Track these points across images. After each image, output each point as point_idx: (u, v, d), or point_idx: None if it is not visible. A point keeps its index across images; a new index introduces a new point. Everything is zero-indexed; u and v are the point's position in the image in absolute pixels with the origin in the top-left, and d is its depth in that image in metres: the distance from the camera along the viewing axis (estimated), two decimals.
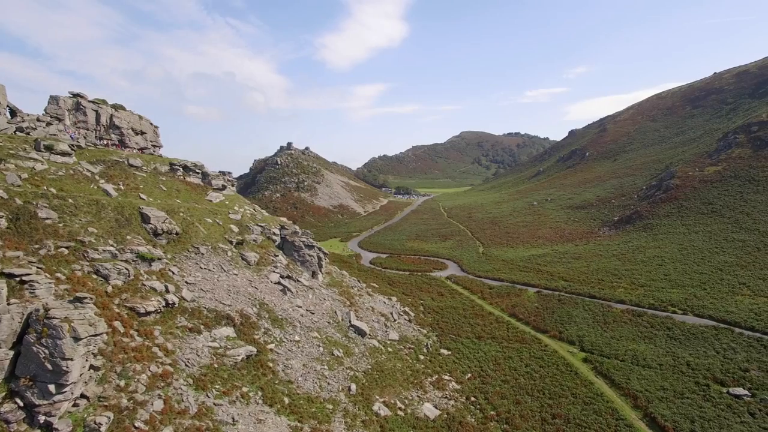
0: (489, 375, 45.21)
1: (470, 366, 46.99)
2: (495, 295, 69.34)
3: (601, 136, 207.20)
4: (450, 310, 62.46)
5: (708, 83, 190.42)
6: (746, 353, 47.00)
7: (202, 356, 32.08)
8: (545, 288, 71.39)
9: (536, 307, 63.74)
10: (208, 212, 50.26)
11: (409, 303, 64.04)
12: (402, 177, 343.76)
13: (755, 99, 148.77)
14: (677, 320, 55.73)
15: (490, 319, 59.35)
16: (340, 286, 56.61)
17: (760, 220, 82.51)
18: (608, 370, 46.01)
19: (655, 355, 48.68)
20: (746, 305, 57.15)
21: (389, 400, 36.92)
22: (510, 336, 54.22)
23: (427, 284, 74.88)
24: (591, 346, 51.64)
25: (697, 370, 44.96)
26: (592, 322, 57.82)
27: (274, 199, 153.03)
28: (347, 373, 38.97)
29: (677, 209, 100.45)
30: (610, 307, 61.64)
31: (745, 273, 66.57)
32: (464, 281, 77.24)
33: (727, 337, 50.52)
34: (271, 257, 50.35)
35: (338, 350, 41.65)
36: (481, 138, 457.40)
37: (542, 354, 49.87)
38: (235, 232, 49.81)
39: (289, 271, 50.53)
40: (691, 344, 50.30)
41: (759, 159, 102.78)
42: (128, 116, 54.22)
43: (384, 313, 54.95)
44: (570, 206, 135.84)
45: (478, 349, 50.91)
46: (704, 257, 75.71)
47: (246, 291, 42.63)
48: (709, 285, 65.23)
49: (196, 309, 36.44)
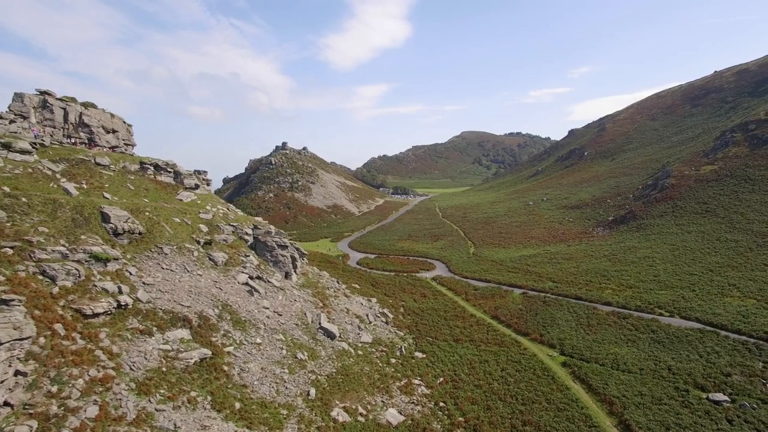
0: (462, 379, 43.77)
1: (443, 370, 45.57)
2: (479, 297, 67.85)
3: (600, 136, 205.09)
4: (430, 312, 61.06)
5: (708, 82, 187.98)
6: (730, 357, 45.38)
7: (150, 359, 30.89)
8: (532, 289, 69.81)
9: (520, 309, 62.21)
10: (177, 212, 49.15)
11: (390, 304, 62.70)
12: (401, 177, 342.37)
13: (755, 97, 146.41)
14: (663, 323, 54.10)
15: (470, 322, 57.88)
16: (315, 287, 55.36)
17: (753, 219, 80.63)
18: (586, 374, 44.47)
19: (636, 359, 47.11)
20: (734, 307, 55.46)
21: (350, 406, 35.60)
22: (489, 339, 52.76)
23: (411, 285, 73.48)
24: (571, 349, 50.09)
25: (678, 374, 43.38)
26: (575, 325, 56.26)
27: (266, 199, 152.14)
28: (309, 377, 37.69)
29: (672, 209, 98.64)
30: (596, 309, 60.05)
31: (735, 274, 64.82)
32: (450, 282, 75.78)
33: (712, 340, 48.88)
34: (241, 257, 49.17)
35: (303, 353, 40.40)
36: (482, 138, 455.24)
37: (520, 358, 48.38)
38: (204, 232, 48.66)
39: (259, 271, 49.33)
40: (675, 348, 48.70)
41: (755, 158, 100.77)
42: (99, 114, 53.27)
43: (359, 314, 53.64)
44: (565, 206, 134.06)
45: (454, 353, 49.46)
46: (696, 258, 73.97)
47: (209, 292, 41.46)
48: (699, 286, 63.52)
49: (151, 310, 35.29)
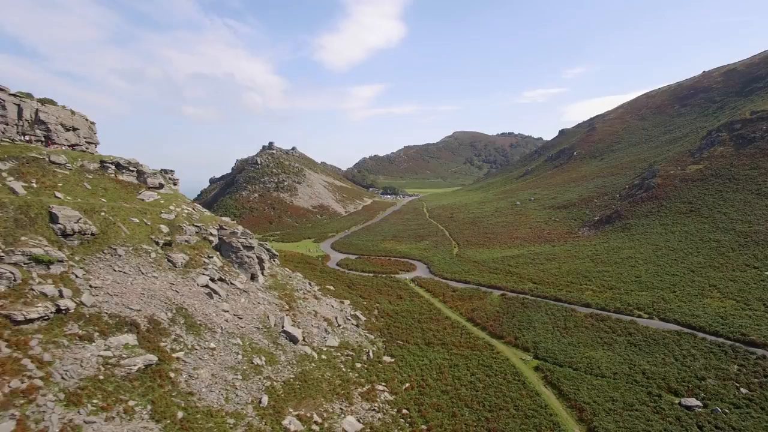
0: (429, 385, 42.19)
1: (411, 375, 43.98)
2: (457, 299, 66.32)
3: (590, 135, 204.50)
4: (405, 315, 59.48)
5: (697, 82, 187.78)
6: (705, 360, 44.18)
7: (86, 367, 29.08)
8: (512, 291, 68.37)
9: (497, 311, 60.76)
10: (137, 212, 47.29)
11: (364, 306, 61.07)
12: (393, 177, 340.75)
13: (742, 97, 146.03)
14: (641, 325, 52.84)
15: (444, 324, 56.34)
16: (283, 289, 53.65)
17: (737, 219, 79.69)
18: (558, 379, 43.06)
19: (611, 362, 45.77)
20: (713, 309, 54.33)
21: (305, 414, 33.93)
22: (462, 342, 51.23)
23: (388, 287, 71.85)
24: (546, 353, 48.69)
25: (652, 379, 42.09)
26: (551, 328, 54.86)
27: (251, 200, 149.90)
28: (263, 383, 35.98)
29: (657, 209, 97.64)
30: (574, 310, 58.71)
31: (716, 275, 63.75)
32: (429, 283, 74.22)
33: (689, 342, 47.68)
34: (203, 259, 47.39)
35: (260, 358, 38.68)
36: (474, 138, 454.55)
37: (492, 362, 46.87)
38: (164, 233, 46.82)
39: (222, 273, 47.56)
40: (651, 351, 47.42)
41: (740, 157, 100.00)
42: (58, 111, 51.33)
43: (328, 317, 51.96)
44: (552, 206, 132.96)
45: (424, 357, 47.88)
46: (678, 258, 72.87)
47: (164, 295, 39.66)
48: (679, 287, 62.39)
49: (95, 315, 33.47)
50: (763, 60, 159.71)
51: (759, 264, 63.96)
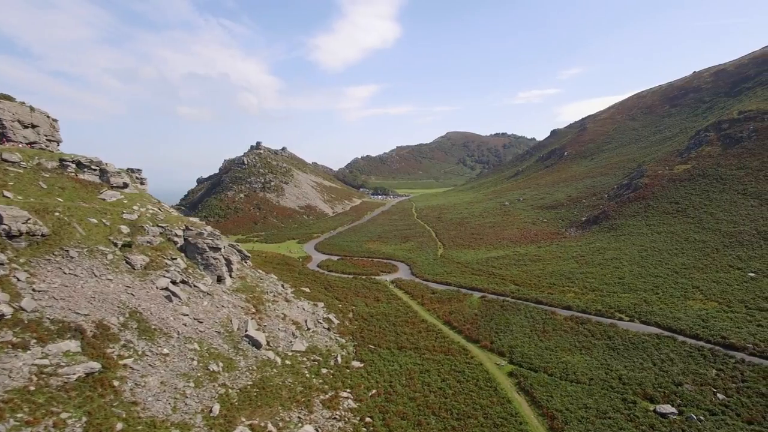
0: (397, 391, 40.48)
1: (379, 381, 42.24)
2: (435, 301, 64.68)
3: (581, 136, 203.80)
4: (380, 317, 57.77)
5: (687, 82, 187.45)
6: (684, 364, 42.77)
7: (15, 378, 27.13)
8: (492, 293, 66.78)
9: (475, 313, 59.15)
10: (96, 212, 45.33)
11: (339, 309, 59.32)
12: (384, 177, 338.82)
13: (730, 97, 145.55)
14: (621, 328, 51.39)
15: (420, 327, 54.67)
16: (252, 291, 51.79)
17: (722, 219, 78.62)
18: (532, 385, 41.46)
19: (587, 367, 44.29)
20: (695, 311, 53.01)
21: (258, 423, 32.11)
22: (435, 346, 49.54)
23: (366, 289, 70.11)
24: (521, 357, 47.11)
25: (628, 384, 40.61)
26: (529, 331, 53.32)
27: (236, 200, 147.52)
28: (217, 390, 34.13)
29: (644, 209, 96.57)
30: (555, 313, 57.21)
31: (700, 276, 62.54)
32: (408, 285, 72.53)
33: (669, 346, 46.28)
34: (166, 261, 45.46)
35: (217, 364, 36.84)
36: (468, 138, 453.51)
37: (465, 367, 45.23)
38: (124, 234, 44.88)
39: (186, 275, 45.67)
40: (630, 355, 45.98)
41: (727, 157, 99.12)
42: (15, 108, 49.31)
43: (298, 321, 50.18)
44: (540, 206, 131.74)
45: (394, 361, 46.16)
46: (663, 259, 71.64)
47: (117, 298, 37.74)
48: (662, 289, 61.10)
49: (36, 320, 31.54)
50: (752, 60, 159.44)
51: (742, 265, 62.81)
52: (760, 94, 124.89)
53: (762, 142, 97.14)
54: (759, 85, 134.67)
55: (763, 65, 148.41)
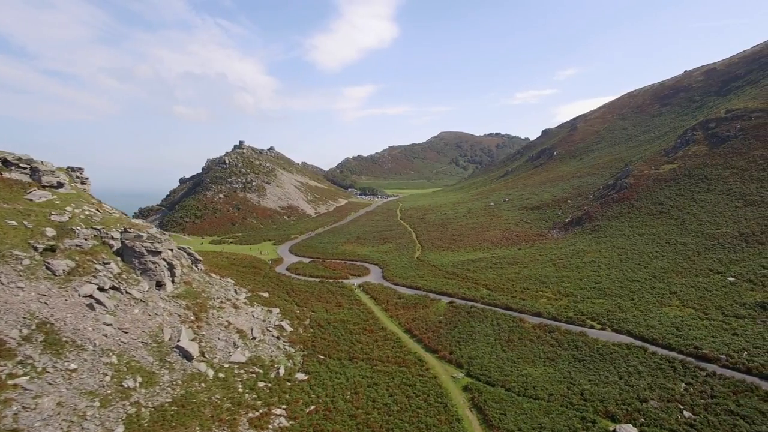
0: (338, 408, 37.18)
1: (320, 395, 38.94)
2: (401, 307, 61.39)
3: (571, 135, 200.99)
4: (338, 324, 54.43)
5: (678, 81, 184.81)
6: (652, 378, 39.64)
7: None
8: (462, 298, 63.48)
9: (439, 321, 55.89)
10: (17, 213, 41.87)
11: (295, 315, 55.99)
12: (376, 177, 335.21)
13: (720, 96, 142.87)
14: (591, 337, 48.24)
15: (377, 336, 51.38)
16: (196, 297, 48.39)
17: (705, 221, 75.65)
18: (486, 401, 38.23)
19: (549, 381, 41.13)
20: (670, 318, 49.92)
21: None
22: (390, 357, 46.24)
23: (331, 293, 66.78)
24: (480, 369, 43.87)
25: (590, 401, 37.45)
26: (493, 340, 50.10)
27: (215, 200, 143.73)
28: (126, 410, 30.72)
29: (627, 210, 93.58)
30: (523, 320, 53.99)
31: (678, 280, 59.47)
32: (376, 290, 69.19)
33: (638, 357, 43.16)
34: (96, 265, 42.02)
35: (135, 379, 33.44)
36: (461, 138, 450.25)
37: (417, 380, 41.97)
38: (49, 237, 41.42)
39: (118, 281, 42.25)
40: (596, 367, 42.84)
41: (714, 156, 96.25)
42: None
43: (243, 329, 46.81)
44: (525, 207, 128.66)
45: (342, 374, 42.86)
46: (642, 262, 68.59)
47: (25, 308, 34.28)
48: (639, 294, 57.98)
49: None
50: (743, 59, 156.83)
51: (723, 269, 59.78)
52: (748, 92, 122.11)
53: (748, 141, 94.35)
54: (748, 84, 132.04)
55: (752, 64, 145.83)
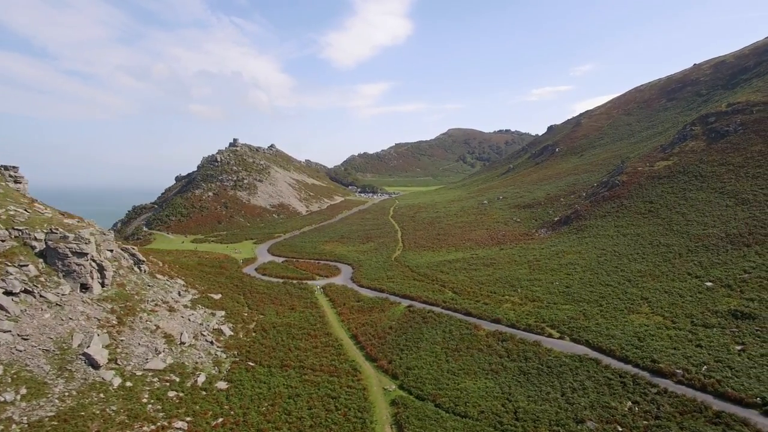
0: (247, 421, 34.61)
1: (233, 407, 36.43)
2: (356, 310, 58.58)
3: (575, 131, 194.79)
4: (282, 329, 51.91)
5: (686, 75, 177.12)
6: (596, 395, 36.13)
7: None
8: (424, 301, 60.25)
9: (390, 326, 52.83)
10: None
11: (242, 319, 53.69)
12: (381, 175, 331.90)
13: (727, 90, 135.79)
14: (545, 347, 44.74)
15: (319, 342, 48.71)
16: (126, 300, 46.35)
17: (693, 221, 70.85)
18: (408, 418, 35.19)
19: (485, 397, 37.90)
20: (634, 327, 46.06)
21: None
22: (324, 365, 43.52)
23: (289, 295, 64.32)
24: (414, 382, 40.81)
25: (521, 420, 34.20)
26: (439, 349, 46.90)
27: (203, 198, 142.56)
28: None
29: (616, 209, 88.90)
30: (478, 327, 50.59)
31: (653, 285, 55.29)
32: (338, 291, 66.44)
33: (588, 371, 39.63)
34: (8, 268, 40.21)
35: (17, 391, 31.34)
36: (469, 135, 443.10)
37: (343, 392, 39.14)
38: None
39: (33, 284, 40.41)
40: (540, 381, 39.47)
41: (710, 152, 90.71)
42: None
43: (172, 333, 44.60)
44: (518, 205, 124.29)
45: (266, 383, 40.29)
46: (620, 265, 64.43)
47: None
48: (608, 300, 54.05)
49: None
50: (753, 51, 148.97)
51: (702, 273, 55.37)
52: (755, 85, 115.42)
53: (748, 136, 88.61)
54: (756, 77, 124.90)
55: (763, 55, 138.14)
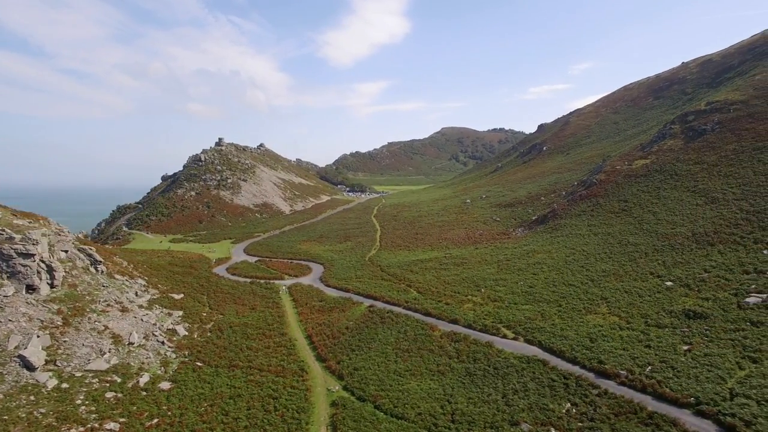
0: (183, 422, 34.30)
1: (172, 408, 36.09)
2: (317, 310, 58.31)
3: (563, 130, 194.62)
4: (239, 328, 51.62)
5: (673, 73, 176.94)
6: (537, 397, 35.94)
7: None
8: (386, 301, 59.93)
9: (347, 327, 52.56)
10: None
11: (200, 319, 53.39)
12: (373, 174, 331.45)
13: (712, 88, 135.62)
14: (497, 348, 44.50)
15: (272, 342, 48.44)
16: (76, 300, 45.99)
17: (663, 219, 70.62)
18: (344, 420, 34.97)
19: (426, 398, 37.67)
20: (588, 327, 45.89)
21: None
22: (272, 365, 43.24)
23: (252, 294, 64.04)
24: (358, 382, 40.56)
25: (457, 422, 34.02)
26: (390, 350, 46.63)
27: (185, 198, 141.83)
28: None
29: (592, 208, 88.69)
30: (434, 328, 50.30)
31: (615, 285, 55.10)
32: (303, 291, 66.15)
33: (534, 372, 39.45)
34: None
35: None
36: (462, 134, 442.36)
37: (285, 392, 38.89)
38: None
39: None
40: (484, 383, 39.26)
41: (688, 151, 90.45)
42: None
43: (120, 334, 44.25)
44: (500, 204, 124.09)
45: (210, 383, 40.00)
46: (586, 264, 64.25)
47: None
48: (568, 300, 53.86)
49: None
50: (738, 50, 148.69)
51: (664, 272, 55.15)
52: (736, 83, 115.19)
53: (724, 135, 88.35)
54: (739, 75, 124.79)
55: (747, 54, 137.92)
